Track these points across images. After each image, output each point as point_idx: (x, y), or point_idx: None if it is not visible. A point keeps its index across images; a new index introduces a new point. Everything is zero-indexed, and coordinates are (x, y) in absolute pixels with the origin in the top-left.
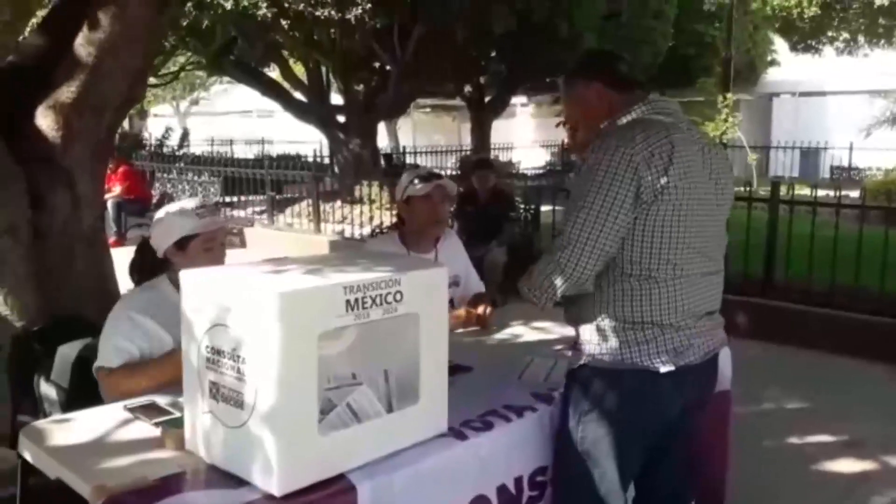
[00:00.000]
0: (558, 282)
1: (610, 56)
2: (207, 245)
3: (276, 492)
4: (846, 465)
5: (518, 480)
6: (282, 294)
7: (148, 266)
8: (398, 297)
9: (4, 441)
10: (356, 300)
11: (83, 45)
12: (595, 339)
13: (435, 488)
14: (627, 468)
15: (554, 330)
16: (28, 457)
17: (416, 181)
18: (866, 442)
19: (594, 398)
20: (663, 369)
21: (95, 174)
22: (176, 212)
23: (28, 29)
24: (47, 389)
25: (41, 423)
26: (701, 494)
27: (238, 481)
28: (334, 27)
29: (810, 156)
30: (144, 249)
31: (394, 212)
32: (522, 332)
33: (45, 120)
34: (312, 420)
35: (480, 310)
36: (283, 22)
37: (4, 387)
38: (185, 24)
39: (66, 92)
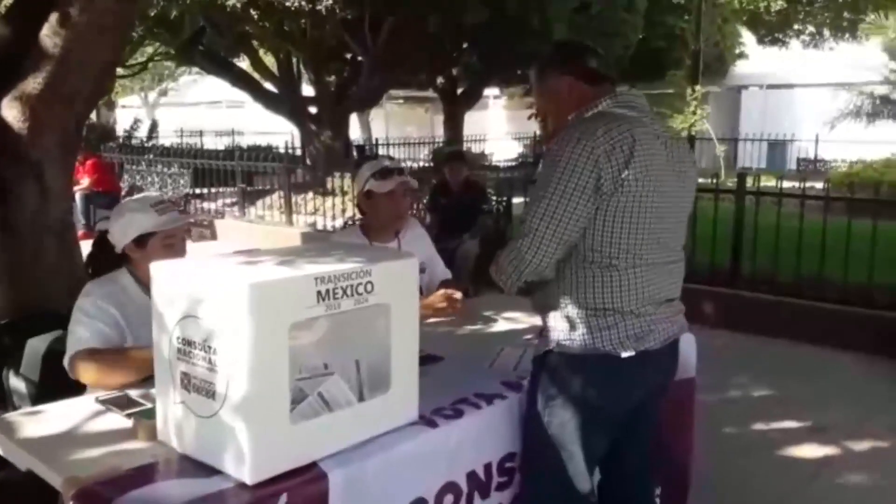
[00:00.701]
0: (520, 267)
1: (581, 48)
2: (167, 242)
3: (249, 480)
4: (810, 451)
5: (487, 467)
6: (252, 285)
7: (106, 259)
8: (369, 287)
9: None
10: (327, 291)
11: (49, 35)
12: (559, 325)
13: (406, 475)
14: (593, 451)
15: (524, 320)
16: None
17: (377, 176)
18: (830, 428)
19: (559, 383)
20: (624, 354)
21: (64, 166)
22: (135, 207)
23: None
24: (17, 383)
25: (11, 416)
26: (665, 480)
27: (210, 470)
28: (305, 18)
29: (777, 148)
30: (103, 243)
31: None
32: (494, 322)
33: (10, 111)
34: (284, 409)
35: (458, 294)
36: (253, 12)
37: None
38: (153, 14)
39: (33, 83)
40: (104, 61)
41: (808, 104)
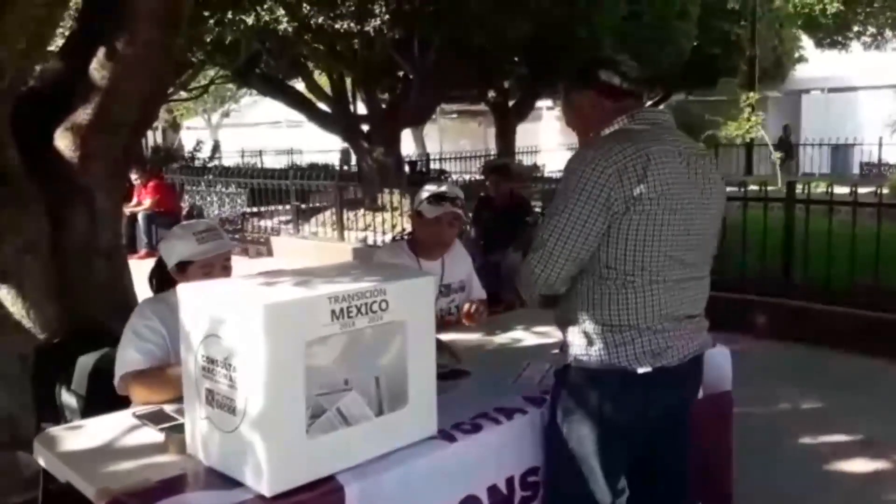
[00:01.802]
0: (531, 281)
1: (606, 62)
2: (205, 270)
3: (267, 492)
4: (859, 465)
5: (509, 481)
6: (267, 306)
7: (164, 277)
8: (383, 305)
9: (30, 447)
10: (341, 310)
11: (97, 69)
12: (578, 340)
13: (423, 489)
14: (612, 466)
15: (554, 334)
16: (42, 462)
17: (430, 200)
18: (881, 442)
19: (577, 397)
20: (640, 370)
21: (113, 191)
22: (178, 234)
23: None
24: (68, 398)
25: (54, 430)
26: (706, 496)
27: (234, 483)
28: (355, 38)
29: (840, 152)
30: (161, 262)
31: None
32: (523, 336)
33: (63, 141)
34: (300, 424)
35: (466, 308)
36: (305, 35)
37: (30, 396)
38: (209, 39)
39: (83, 114)
40: (148, 91)
41: (872, 107)
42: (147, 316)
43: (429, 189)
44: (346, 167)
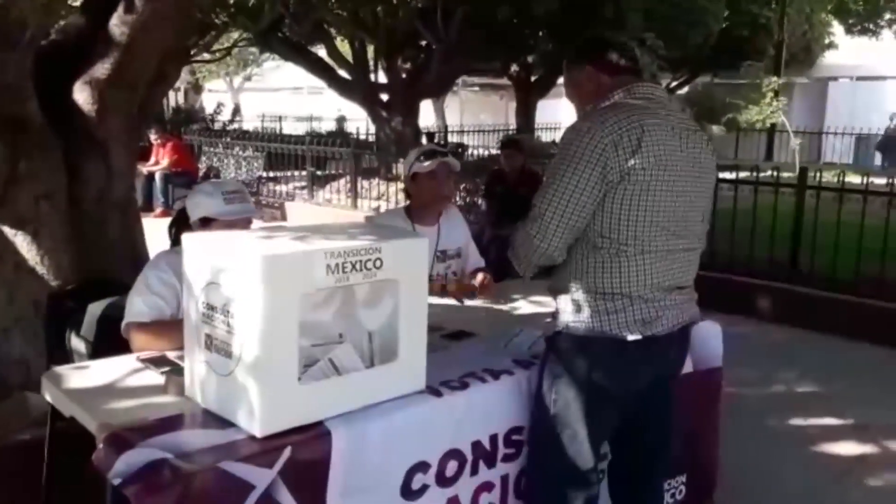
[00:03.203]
0: (530, 252)
1: (605, 42)
2: (228, 229)
3: (258, 433)
4: (847, 448)
5: (493, 438)
6: (265, 257)
7: (182, 229)
8: (378, 263)
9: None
10: (336, 265)
11: (117, 24)
12: (570, 308)
13: (409, 439)
14: (597, 432)
15: (548, 304)
16: (48, 397)
17: (421, 158)
18: (871, 426)
19: (567, 363)
20: (630, 337)
21: (128, 147)
22: (208, 191)
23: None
24: (77, 343)
25: (61, 369)
26: (691, 468)
27: (228, 424)
28: (378, 6)
29: (863, 142)
30: (182, 214)
31: None
32: (518, 305)
33: (81, 95)
34: (293, 370)
35: (479, 279)
36: (328, 1)
37: (42, 340)
38: (232, 1)
39: (101, 69)
40: (166, 49)
41: None
42: (161, 268)
43: (417, 150)
44: (360, 136)
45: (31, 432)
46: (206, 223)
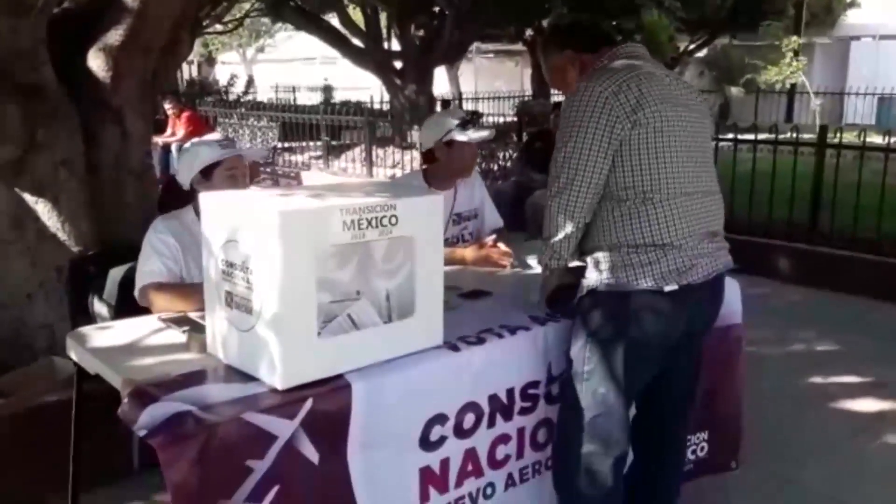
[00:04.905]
0: (569, 229)
1: (571, 26)
2: (230, 172)
3: (280, 386)
4: (865, 405)
5: (510, 391)
6: (282, 213)
7: (176, 198)
8: (393, 220)
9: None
10: (352, 221)
11: None
12: (601, 265)
13: (427, 392)
14: (630, 388)
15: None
16: (73, 355)
17: (463, 126)
18: (890, 383)
19: (602, 320)
20: (667, 288)
21: (143, 113)
22: (202, 143)
23: None
24: (100, 307)
25: (86, 329)
26: (714, 426)
27: (249, 378)
28: None
29: (886, 103)
30: (171, 186)
31: None
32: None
33: (95, 61)
34: (312, 324)
35: (496, 255)
36: None
37: (65, 304)
38: None
39: (115, 35)
40: (178, 15)
41: None
42: (161, 230)
43: (453, 114)
44: (375, 105)
45: (57, 395)
46: (207, 174)
